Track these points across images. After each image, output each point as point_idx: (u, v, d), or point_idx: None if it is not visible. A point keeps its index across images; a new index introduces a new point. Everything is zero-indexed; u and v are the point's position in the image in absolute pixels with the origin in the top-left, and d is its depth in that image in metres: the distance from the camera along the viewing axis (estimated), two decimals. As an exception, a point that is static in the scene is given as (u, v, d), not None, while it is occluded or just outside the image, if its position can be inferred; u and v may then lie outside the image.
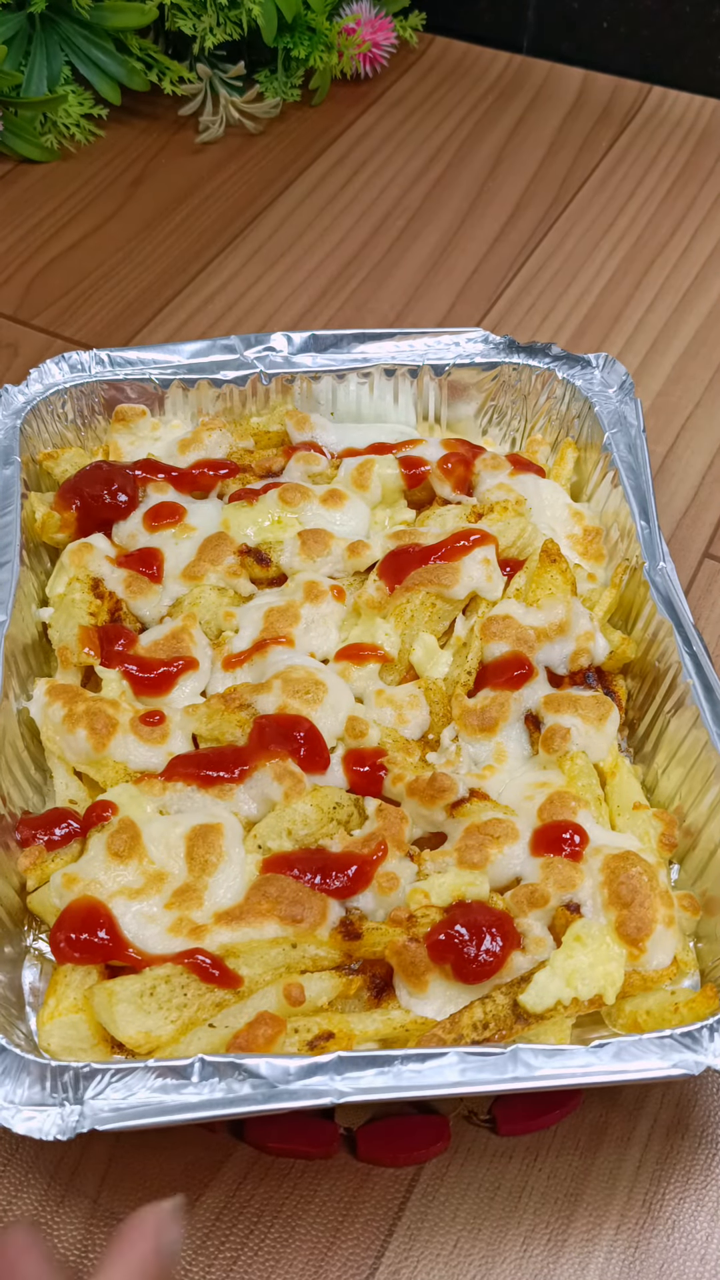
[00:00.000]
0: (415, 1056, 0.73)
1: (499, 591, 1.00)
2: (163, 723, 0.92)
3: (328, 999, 0.81)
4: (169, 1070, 0.72)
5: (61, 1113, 0.72)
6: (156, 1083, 0.72)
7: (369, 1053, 0.74)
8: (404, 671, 0.98)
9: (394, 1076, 0.73)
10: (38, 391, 1.12)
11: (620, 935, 0.82)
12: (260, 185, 1.58)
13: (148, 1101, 0.72)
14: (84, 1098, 0.72)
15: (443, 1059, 0.73)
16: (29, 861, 0.88)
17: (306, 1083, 0.72)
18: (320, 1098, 0.71)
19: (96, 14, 1.53)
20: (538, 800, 0.88)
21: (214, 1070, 0.72)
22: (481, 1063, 0.73)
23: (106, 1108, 0.71)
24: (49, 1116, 0.72)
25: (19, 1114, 0.72)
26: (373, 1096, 0.72)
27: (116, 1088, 0.72)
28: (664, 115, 1.68)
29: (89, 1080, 0.73)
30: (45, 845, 0.88)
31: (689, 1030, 0.75)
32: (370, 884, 0.84)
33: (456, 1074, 0.73)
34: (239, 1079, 0.72)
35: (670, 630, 0.95)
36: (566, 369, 1.14)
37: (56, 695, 0.94)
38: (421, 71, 1.75)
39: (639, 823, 0.90)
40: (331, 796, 0.89)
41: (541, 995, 0.79)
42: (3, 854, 0.87)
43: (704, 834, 0.89)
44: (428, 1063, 0.73)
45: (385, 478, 1.08)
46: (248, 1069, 0.72)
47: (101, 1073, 0.73)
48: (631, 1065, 0.74)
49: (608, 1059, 0.74)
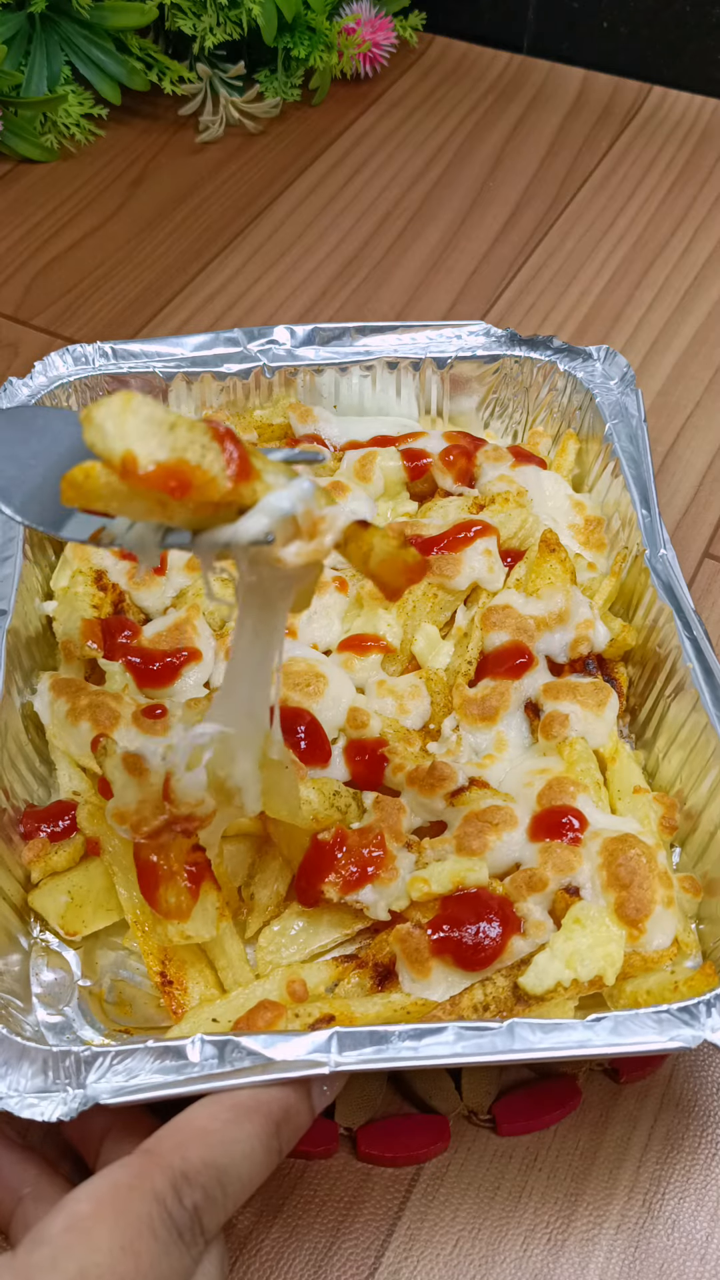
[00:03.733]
0: (412, 1033, 0.73)
1: (500, 582, 1.01)
2: (165, 715, 0.92)
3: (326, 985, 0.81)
4: (169, 1051, 0.72)
5: (64, 1098, 0.72)
6: (157, 1064, 0.72)
7: (367, 1029, 0.73)
8: (406, 662, 0.99)
9: (392, 1051, 0.72)
10: (42, 384, 1.12)
11: (619, 916, 0.82)
12: (260, 185, 1.58)
13: (149, 1083, 0.71)
14: (86, 1082, 0.72)
15: (440, 1034, 0.73)
16: (32, 854, 0.88)
17: (305, 1056, 0.72)
18: (318, 1067, 0.71)
19: (96, 14, 1.54)
20: (537, 786, 0.88)
21: (214, 1049, 0.72)
22: (478, 1037, 0.73)
23: (108, 1090, 0.71)
24: (52, 1102, 0.72)
25: (23, 1100, 0.72)
26: (371, 1065, 0.72)
27: (118, 1071, 0.72)
28: (664, 115, 1.68)
29: (90, 1065, 0.73)
30: (49, 838, 0.88)
31: (686, 1005, 0.75)
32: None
33: (454, 1048, 0.73)
34: (239, 1056, 0.72)
35: (670, 616, 0.95)
36: (567, 361, 1.14)
37: (60, 690, 0.94)
38: (421, 71, 1.75)
39: (640, 806, 0.90)
40: (331, 784, 0.89)
41: (541, 977, 0.79)
42: (6, 847, 0.87)
43: (704, 816, 0.89)
44: (425, 1039, 0.73)
45: (388, 470, 1.08)
46: (246, 1047, 0.72)
47: (103, 1056, 0.73)
48: (628, 1039, 0.73)
49: (604, 1033, 0.73)
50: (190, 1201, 0.64)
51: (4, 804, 0.88)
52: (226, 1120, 0.68)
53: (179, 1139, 0.67)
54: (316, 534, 0.66)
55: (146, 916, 0.84)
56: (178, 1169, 0.64)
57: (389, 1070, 0.77)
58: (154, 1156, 0.65)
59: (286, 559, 0.66)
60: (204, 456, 0.62)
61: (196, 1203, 0.64)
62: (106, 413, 0.59)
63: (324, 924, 0.86)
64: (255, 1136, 0.68)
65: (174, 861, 0.81)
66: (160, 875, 0.81)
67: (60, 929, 0.86)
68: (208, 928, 0.82)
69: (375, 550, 0.68)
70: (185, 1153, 0.65)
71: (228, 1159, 0.66)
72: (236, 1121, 0.68)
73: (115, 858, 0.86)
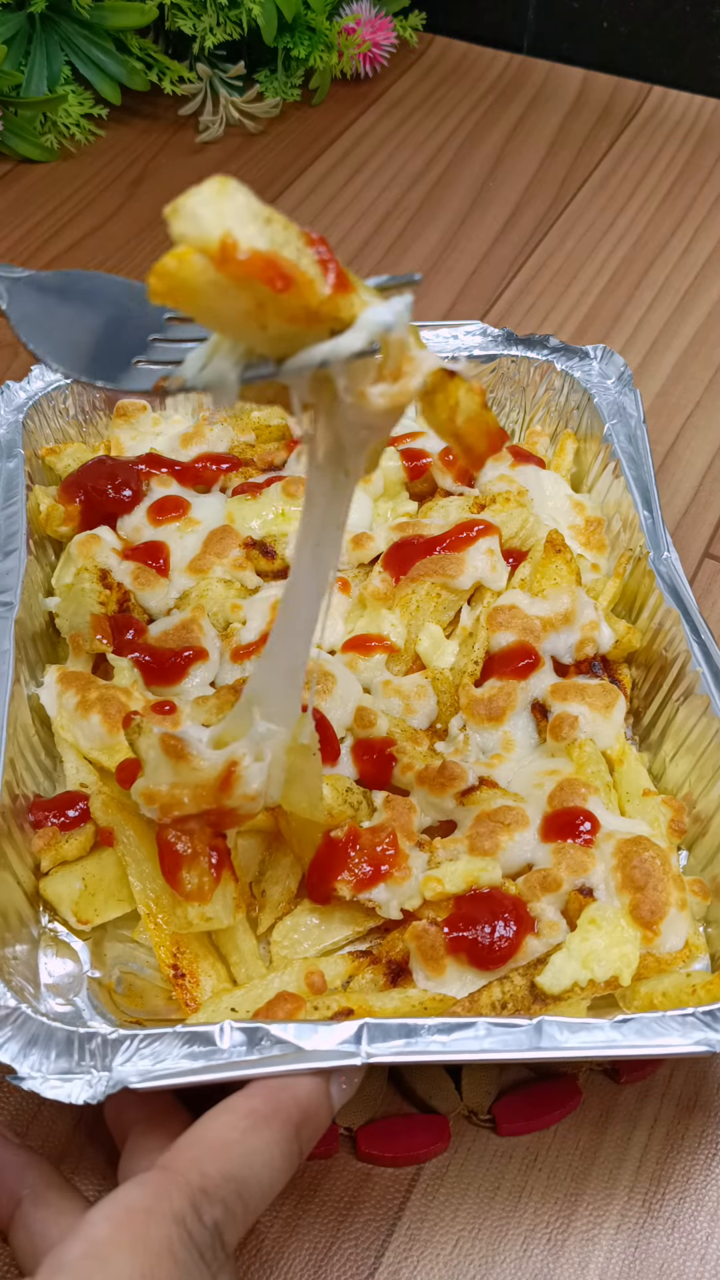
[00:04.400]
0: (442, 1027, 0.73)
1: (503, 581, 1.01)
2: (174, 712, 0.92)
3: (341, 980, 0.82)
4: (197, 1037, 0.72)
5: (89, 1080, 0.71)
6: (185, 1049, 0.72)
7: (396, 1021, 0.73)
8: (410, 662, 0.99)
9: (423, 1045, 0.72)
10: (39, 387, 1.11)
11: (634, 918, 0.82)
12: (260, 185, 1.58)
13: (176, 1068, 0.71)
14: (112, 1065, 0.71)
15: (470, 1029, 0.73)
16: (43, 843, 0.88)
17: (336, 1047, 0.71)
18: (350, 1058, 0.71)
19: (96, 14, 1.54)
20: (547, 787, 0.88)
21: (244, 1036, 0.72)
22: (507, 1033, 0.73)
23: (135, 1074, 0.70)
24: (77, 1084, 0.71)
25: (47, 1081, 0.71)
26: (404, 1058, 0.72)
27: (145, 1054, 0.72)
28: (664, 115, 1.68)
29: (117, 1047, 0.72)
30: (59, 827, 0.88)
31: (711, 1009, 0.76)
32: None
33: (483, 1044, 0.73)
34: (268, 1044, 0.72)
35: (677, 619, 0.95)
36: (565, 361, 1.14)
37: (69, 683, 0.94)
38: (421, 71, 1.75)
39: (649, 809, 0.90)
40: (344, 781, 0.89)
41: (559, 977, 0.79)
42: (18, 836, 0.87)
43: (714, 820, 0.89)
44: (454, 1033, 0.73)
45: (387, 470, 1.08)
46: (275, 1035, 0.72)
47: (130, 1039, 0.72)
48: (654, 1041, 0.74)
49: (631, 1034, 0.74)
50: (211, 1219, 0.62)
51: (16, 791, 0.88)
52: (244, 1129, 0.66)
53: (196, 1153, 0.65)
54: (402, 374, 0.62)
55: (161, 908, 0.83)
56: (196, 1185, 0.63)
57: (418, 1064, 0.77)
58: (171, 1173, 0.63)
59: (372, 398, 0.61)
60: (300, 258, 0.57)
61: (217, 1219, 0.63)
62: (200, 198, 0.54)
63: (336, 920, 0.86)
64: (275, 1143, 0.67)
65: (197, 843, 0.80)
66: (183, 857, 0.80)
67: (73, 917, 0.86)
68: (227, 914, 0.82)
69: (461, 406, 0.64)
70: (204, 1167, 0.64)
71: (248, 1170, 0.65)
72: (255, 1129, 0.66)
73: (129, 849, 0.85)
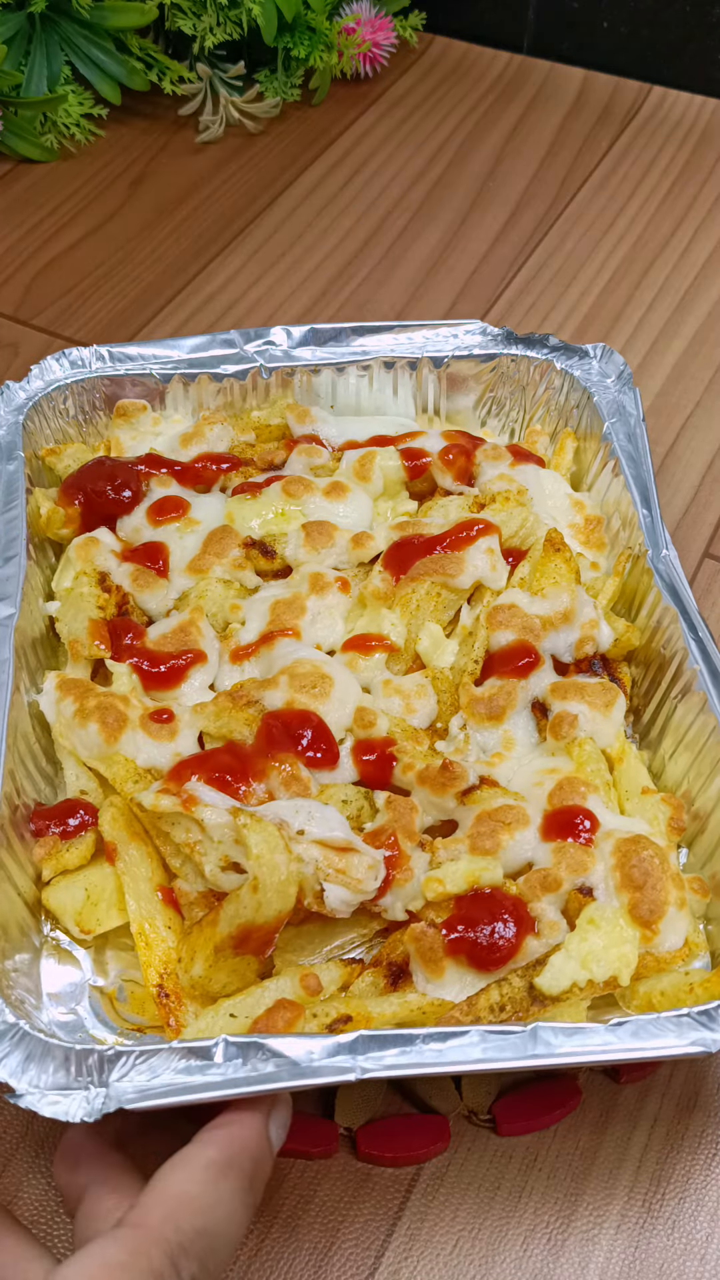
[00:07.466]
0: (436, 1035, 0.73)
1: (503, 581, 1.00)
2: (172, 720, 0.92)
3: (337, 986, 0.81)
4: (193, 1052, 0.72)
5: (87, 1095, 0.71)
6: (181, 1064, 0.72)
7: (391, 1031, 0.73)
8: (410, 661, 0.99)
9: (416, 1055, 0.72)
10: (39, 388, 1.12)
11: (633, 918, 0.82)
12: (260, 185, 1.58)
13: (172, 1083, 0.71)
14: (109, 1080, 0.71)
15: (464, 1037, 0.73)
16: (44, 851, 0.88)
17: (330, 1061, 0.72)
18: (344, 1074, 0.71)
19: (96, 14, 1.54)
20: (547, 786, 0.88)
21: (238, 1051, 0.72)
22: (502, 1041, 0.73)
23: (131, 1089, 0.71)
24: (74, 1100, 0.71)
25: (45, 1098, 0.71)
26: (397, 1072, 0.72)
27: (141, 1070, 0.72)
28: (664, 115, 1.68)
29: (113, 1063, 0.72)
30: (60, 836, 0.88)
31: (706, 1009, 0.75)
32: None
33: (478, 1052, 0.73)
34: (262, 1059, 0.72)
35: (675, 617, 0.95)
36: (564, 360, 1.14)
37: (67, 690, 0.93)
38: (421, 71, 1.75)
39: (648, 807, 0.90)
40: (339, 793, 0.89)
41: (557, 978, 0.79)
42: (19, 845, 0.87)
43: (713, 818, 0.89)
44: (449, 1041, 0.73)
45: (387, 469, 1.08)
46: (271, 1049, 0.72)
47: (126, 1055, 0.72)
48: (650, 1043, 0.74)
49: (626, 1037, 0.74)
50: (189, 1274, 0.63)
51: (16, 801, 0.88)
52: (205, 1182, 0.66)
53: (167, 1209, 0.64)
54: None
55: (154, 930, 0.84)
56: (174, 1242, 0.63)
57: (412, 1076, 0.77)
58: (145, 1230, 0.63)
59: None
60: None
61: (194, 1275, 0.63)
62: None
63: (340, 924, 0.86)
64: (235, 1194, 0.67)
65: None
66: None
67: (75, 926, 0.86)
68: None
69: None
70: (178, 1223, 0.64)
71: (215, 1223, 0.65)
72: (214, 1182, 0.66)
73: (129, 867, 0.86)
